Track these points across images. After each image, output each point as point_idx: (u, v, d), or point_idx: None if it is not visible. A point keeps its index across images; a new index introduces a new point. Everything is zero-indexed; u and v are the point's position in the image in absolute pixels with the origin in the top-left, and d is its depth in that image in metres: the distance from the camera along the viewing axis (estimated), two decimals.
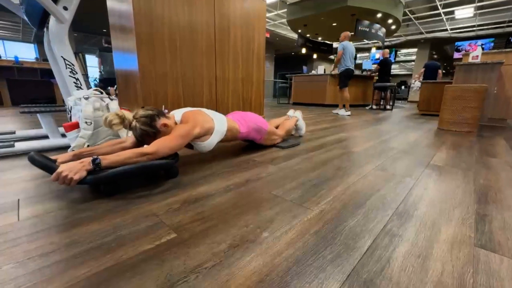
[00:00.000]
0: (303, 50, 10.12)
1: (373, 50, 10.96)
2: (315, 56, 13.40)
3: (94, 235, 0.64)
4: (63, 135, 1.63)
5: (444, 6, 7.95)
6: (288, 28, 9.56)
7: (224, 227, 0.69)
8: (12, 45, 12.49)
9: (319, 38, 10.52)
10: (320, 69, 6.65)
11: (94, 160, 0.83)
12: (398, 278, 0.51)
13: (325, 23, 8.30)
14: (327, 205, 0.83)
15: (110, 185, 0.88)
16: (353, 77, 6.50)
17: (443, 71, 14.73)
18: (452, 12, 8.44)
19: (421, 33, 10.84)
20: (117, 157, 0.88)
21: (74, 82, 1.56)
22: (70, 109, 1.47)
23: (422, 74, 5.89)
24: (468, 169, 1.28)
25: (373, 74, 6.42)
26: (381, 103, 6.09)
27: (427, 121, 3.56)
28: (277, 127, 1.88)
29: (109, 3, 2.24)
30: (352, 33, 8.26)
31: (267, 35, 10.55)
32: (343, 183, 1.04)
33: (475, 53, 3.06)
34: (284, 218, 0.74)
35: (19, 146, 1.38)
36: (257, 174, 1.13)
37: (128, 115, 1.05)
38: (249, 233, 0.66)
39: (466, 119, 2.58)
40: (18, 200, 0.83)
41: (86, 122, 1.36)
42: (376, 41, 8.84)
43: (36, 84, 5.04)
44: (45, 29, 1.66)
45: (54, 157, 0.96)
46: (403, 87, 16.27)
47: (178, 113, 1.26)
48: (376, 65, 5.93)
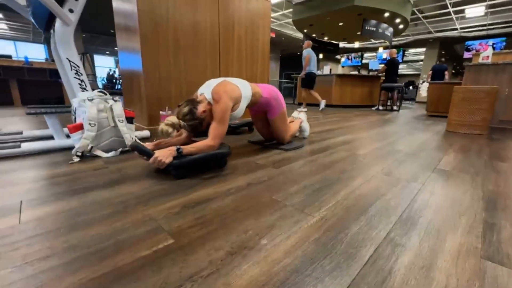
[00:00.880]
0: None
1: (380, 50, 10.80)
2: (321, 56, 13.30)
3: (93, 240, 0.64)
4: (68, 136, 1.65)
5: (454, 5, 7.78)
6: (294, 28, 9.50)
7: (223, 233, 0.68)
8: (23, 46, 12.79)
9: (325, 38, 10.44)
10: (326, 69, 6.59)
11: (178, 149, 1.08)
12: None
13: (331, 23, 8.22)
14: (329, 211, 0.81)
15: (182, 170, 1.08)
16: (359, 77, 6.44)
17: (453, 71, 14.44)
18: (462, 11, 8.25)
19: (430, 32, 10.65)
20: (192, 148, 1.12)
21: (79, 83, 1.58)
22: (75, 110, 1.48)
23: (430, 76, 5.86)
24: (477, 174, 1.24)
25: (379, 75, 6.32)
26: (388, 103, 6.00)
27: (435, 122, 3.49)
28: None
29: (115, 4, 2.26)
30: (359, 33, 8.18)
31: (273, 35, 10.52)
32: (346, 187, 1.02)
33: (486, 53, 2.98)
34: (284, 224, 0.73)
35: (25, 147, 1.40)
36: (258, 178, 1.12)
37: (174, 120, 1.21)
38: (248, 240, 0.65)
39: (476, 121, 2.51)
40: (20, 202, 0.84)
41: (90, 124, 1.37)
42: (383, 40, 8.71)
43: (45, 84, 5.13)
44: (52, 31, 1.68)
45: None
46: (411, 87, 16.02)
47: (206, 90, 1.33)
48: (383, 65, 5.83)
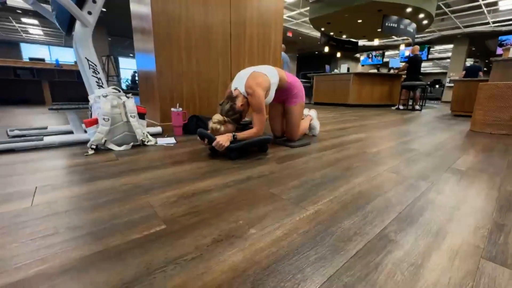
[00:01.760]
0: (326, 49, 9.86)
1: (402, 47, 10.31)
2: (338, 54, 12.97)
3: (93, 222, 0.68)
4: (86, 131, 1.75)
5: None
6: (311, 26, 9.36)
7: (214, 222, 0.69)
8: (56, 50, 13.81)
9: (344, 36, 10.17)
10: (343, 67, 6.42)
11: (233, 135, 1.32)
12: (383, 285, 0.47)
13: (349, 20, 8.00)
14: (325, 206, 0.80)
15: (234, 153, 1.30)
16: (378, 76, 6.19)
17: (485, 68, 13.43)
18: (495, 3, 7.65)
19: (458, 28, 9.99)
20: (243, 134, 1.37)
21: (96, 81, 1.68)
22: (91, 106, 1.58)
23: (462, 77, 5.54)
24: (496, 174, 1.15)
25: (400, 73, 6.04)
26: (410, 103, 5.72)
27: (459, 122, 3.28)
28: None
29: (132, 7, 2.37)
30: (379, 30, 7.88)
31: (290, 34, 10.45)
32: (348, 183, 1.00)
33: None
34: (276, 216, 0.73)
35: (47, 140, 1.51)
36: (260, 172, 1.12)
37: (220, 117, 1.41)
38: (237, 229, 0.66)
39: (503, 120, 2.32)
40: (35, 187, 0.91)
41: (104, 119, 1.45)
42: (405, 37, 8.32)
43: (73, 84, 5.49)
44: (73, 33, 1.80)
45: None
46: (437, 86, 15.13)
47: (240, 85, 1.48)
48: (404, 63, 5.57)
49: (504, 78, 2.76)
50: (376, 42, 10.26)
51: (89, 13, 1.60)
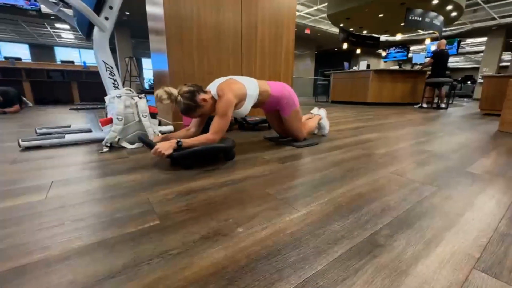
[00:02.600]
0: (345, 45, 9.55)
1: (427, 41, 9.70)
2: (358, 51, 12.51)
3: (95, 216, 0.73)
4: (102, 130, 1.87)
5: None
6: (330, 22, 9.12)
7: (205, 220, 0.72)
8: (85, 53, 14.73)
9: (364, 32, 9.80)
10: (362, 64, 6.20)
11: (177, 142, 1.14)
12: None
13: (370, 15, 7.68)
14: (318, 207, 0.79)
15: (187, 161, 1.16)
16: (400, 72, 5.89)
17: None
18: None
19: (493, 19, 9.22)
20: (193, 141, 1.19)
21: (112, 82, 1.78)
22: (107, 106, 1.68)
23: None
24: None
25: (425, 69, 5.70)
26: (435, 101, 5.40)
27: (487, 122, 3.04)
28: None
29: (148, 9, 2.47)
30: (403, 24, 7.48)
31: (308, 32, 10.28)
32: (347, 185, 0.98)
33: None
34: (266, 216, 0.74)
35: (68, 138, 1.64)
36: (260, 172, 1.13)
37: (173, 91, 1.24)
38: (225, 227, 0.68)
39: None
40: (52, 182, 1.00)
41: (117, 118, 1.54)
42: (432, 31, 7.83)
43: (98, 85, 5.82)
44: (92, 37, 1.92)
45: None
46: (469, 82, 14.10)
47: (213, 87, 1.37)
48: (429, 58, 5.25)
49: None
50: (399, 37, 9.76)
51: (106, 18, 1.70)
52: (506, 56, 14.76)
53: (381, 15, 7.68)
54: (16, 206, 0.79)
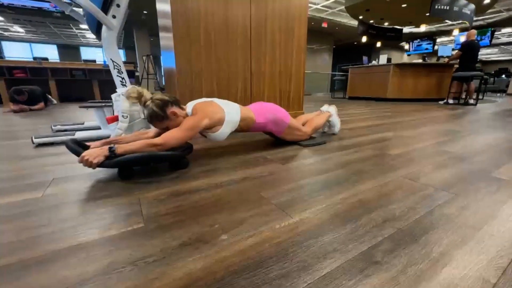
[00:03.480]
0: (364, 39, 9.13)
1: (455, 32, 9.00)
2: (379, 44, 11.92)
3: (84, 216, 0.73)
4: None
5: None
6: (349, 15, 8.75)
7: (189, 224, 0.68)
8: None
9: (385, 24, 9.29)
10: (382, 58, 5.89)
11: (110, 148, 0.96)
12: None
13: (391, 5, 7.25)
14: (313, 214, 0.73)
15: (124, 170, 1.01)
16: (424, 66, 5.50)
17: None
18: None
19: None
20: (131, 146, 1.00)
21: (120, 80, 1.80)
22: (113, 104, 1.70)
23: None
24: None
25: (452, 62, 5.29)
26: (462, 96, 5.00)
27: None
28: (305, 124, 1.76)
29: (158, 6, 2.47)
30: (428, 14, 6.99)
31: (325, 25, 9.94)
32: (349, 190, 0.90)
33: None
34: (255, 222, 0.69)
35: (78, 135, 1.68)
36: (258, 173, 1.08)
37: (147, 94, 1.18)
38: (209, 233, 0.64)
39: None
40: (52, 179, 1.02)
41: (123, 116, 1.55)
42: (461, 21, 7.24)
43: None
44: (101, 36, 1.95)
45: (89, 143, 1.14)
46: (503, 75, 12.99)
47: (190, 105, 1.29)
48: (456, 51, 4.86)
49: None
50: (423, 28, 9.14)
51: (114, 17, 1.72)
52: None
53: (404, 5, 7.22)
54: (12, 203, 0.81)
